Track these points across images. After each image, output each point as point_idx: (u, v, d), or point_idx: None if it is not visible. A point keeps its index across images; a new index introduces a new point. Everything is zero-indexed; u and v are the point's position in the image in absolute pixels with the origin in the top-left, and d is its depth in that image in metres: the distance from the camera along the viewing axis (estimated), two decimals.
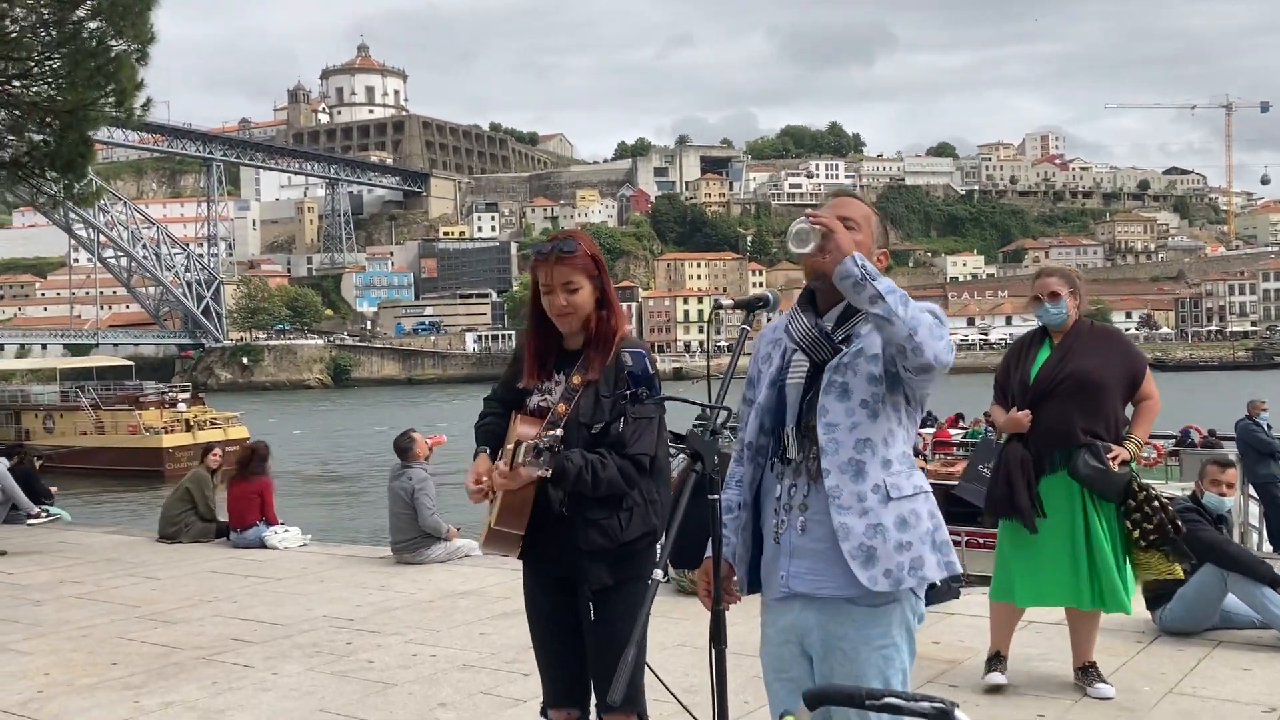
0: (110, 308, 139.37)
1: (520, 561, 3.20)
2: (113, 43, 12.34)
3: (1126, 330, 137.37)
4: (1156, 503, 4.69)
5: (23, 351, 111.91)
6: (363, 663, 5.74)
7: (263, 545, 9.45)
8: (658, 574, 2.37)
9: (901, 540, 2.53)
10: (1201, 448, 13.30)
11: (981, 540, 16.36)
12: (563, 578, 3.09)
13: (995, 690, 4.90)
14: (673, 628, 6.05)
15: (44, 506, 11.23)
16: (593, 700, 3.19)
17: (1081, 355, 4.75)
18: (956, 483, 17.65)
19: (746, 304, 2.75)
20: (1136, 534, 4.68)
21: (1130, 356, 4.88)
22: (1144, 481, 4.79)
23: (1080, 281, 4.98)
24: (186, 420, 42.55)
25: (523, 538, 3.05)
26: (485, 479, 3.01)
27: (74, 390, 47.27)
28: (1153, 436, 18.05)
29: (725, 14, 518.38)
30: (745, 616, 4.74)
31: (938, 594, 6.63)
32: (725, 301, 2.82)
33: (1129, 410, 4.94)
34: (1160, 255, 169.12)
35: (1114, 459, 4.65)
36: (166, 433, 41.45)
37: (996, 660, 5.01)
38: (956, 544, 14.12)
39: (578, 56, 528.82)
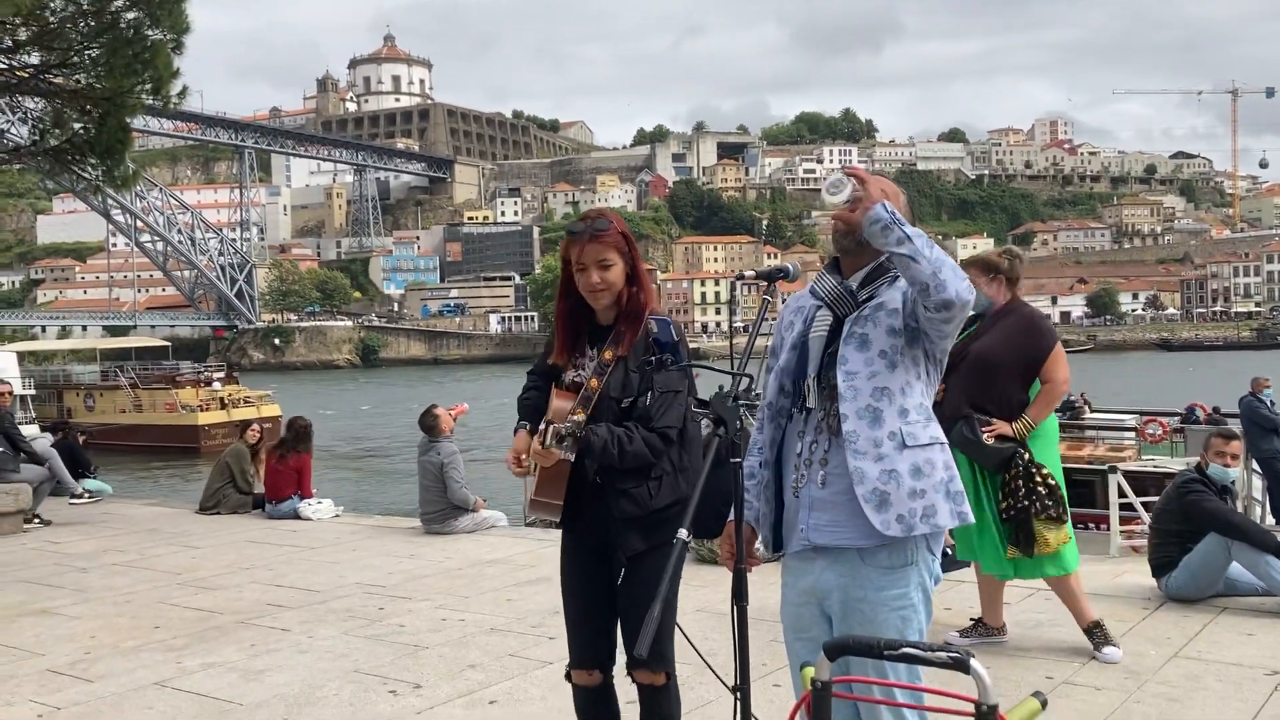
0: (147, 291, 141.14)
1: (545, 532, 3.37)
2: (149, 32, 12.57)
3: (1133, 311, 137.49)
4: (1036, 479, 4.87)
5: (64, 333, 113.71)
6: (394, 627, 5.98)
7: (297, 516, 9.74)
8: (682, 533, 2.49)
9: (915, 487, 2.60)
10: (1206, 424, 13.39)
11: None
12: (598, 544, 3.22)
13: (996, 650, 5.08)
14: (693, 594, 6.23)
15: (86, 482, 11.56)
16: (620, 660, 3.33)
17: (989, 336, 5.00)
18: None
19: (767, 275, 2.86)
20: (1004, 505, 4.92)
21: (1034, 339, 5.08)
22: (1033, 459, 4.93)
23: (1009, 264, 5.20)
24: (221, 399, 43.25)
25: (562, 507, 3.18)
26: (524, 457, 3.15)
27: (113, 370, 48.17)
28: (1159, 414, 18.13)
29: (737, 3, 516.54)
30: (764, 584, 4.96)
31: (950, 562, 6.79)
32: (748, 273, 2.88)
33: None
34: (1166, 238, 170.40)
35: (990, 432, 4.89)
36: (202, 410, 42.15)
37: (977, 627, 5.32)
38: None
39: (595, 46, 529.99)
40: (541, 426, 3.09)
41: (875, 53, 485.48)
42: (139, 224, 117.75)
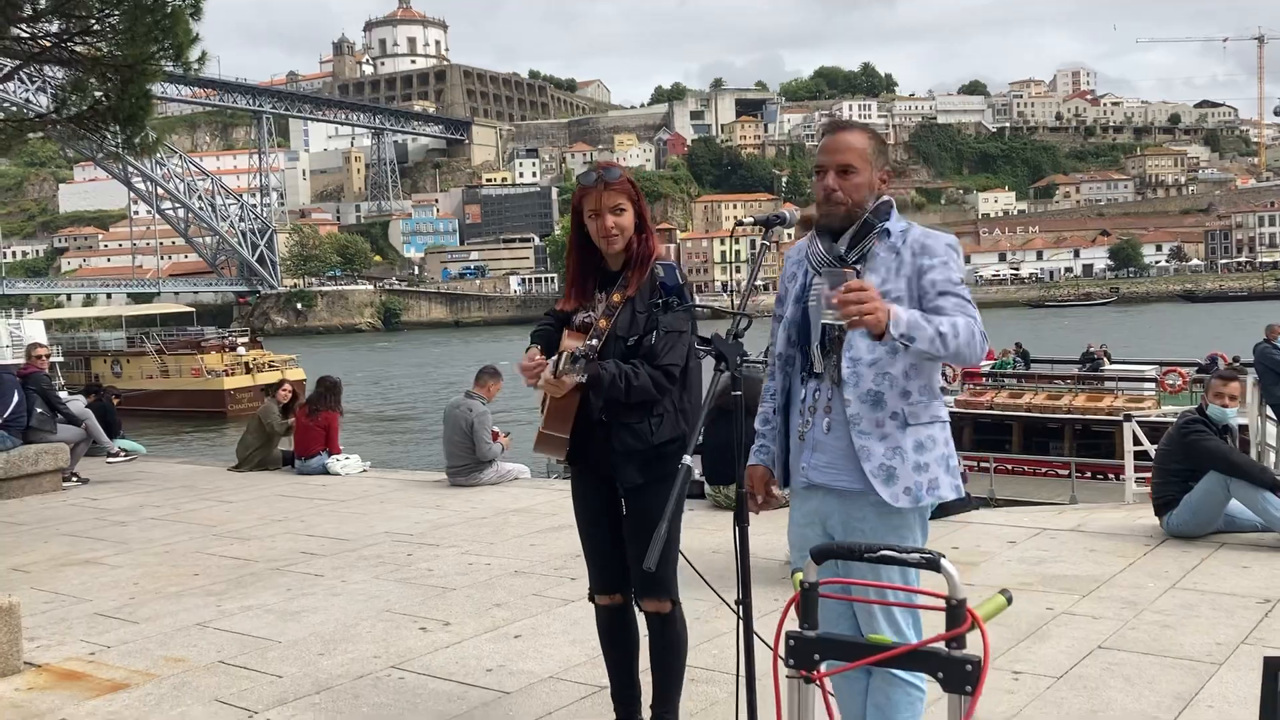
0: (170, 257, 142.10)
1: (566, 482, 3.56)
2: None
3: (1157, 263, 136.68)
4: None
5: (89, 301, 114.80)
6: (423, 571, 6.23)
7: (325, 472, 10.02)
8: (686, 459, 2.66)
9: (919, 461, 2.77)
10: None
11: (1010, 467, 16.71)
12: (604, 477, 3.42)
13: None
14: (708, 538, 6.45)
15: (120, 441, 11.89)
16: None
17: None
18: (984, 411, 17.86)
19: (765, 221, 3.03)
20: None
21: None
22: None
23: None
24: (246, 363, 43.79)
25: (568, 441, 3.36)
26: (535, 361, 3.23)
27: (139, 336, 48.73)
28: (1179, 365, 18.15)
29: None
30: (774, 527, 5.16)
31: (960, 505, 7.00)
32: (746, 220, 3.06)
33: None
34: (1191, 188, 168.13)
35: None
36: (227, 375, 42.70)
37: None
38: (984, 470, 14.35)
39: (605, 4, 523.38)
40: (555, 359, 3.23)
41: (889, 6, 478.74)
42: (160, 191, 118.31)
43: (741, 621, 2.63)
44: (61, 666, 4.75)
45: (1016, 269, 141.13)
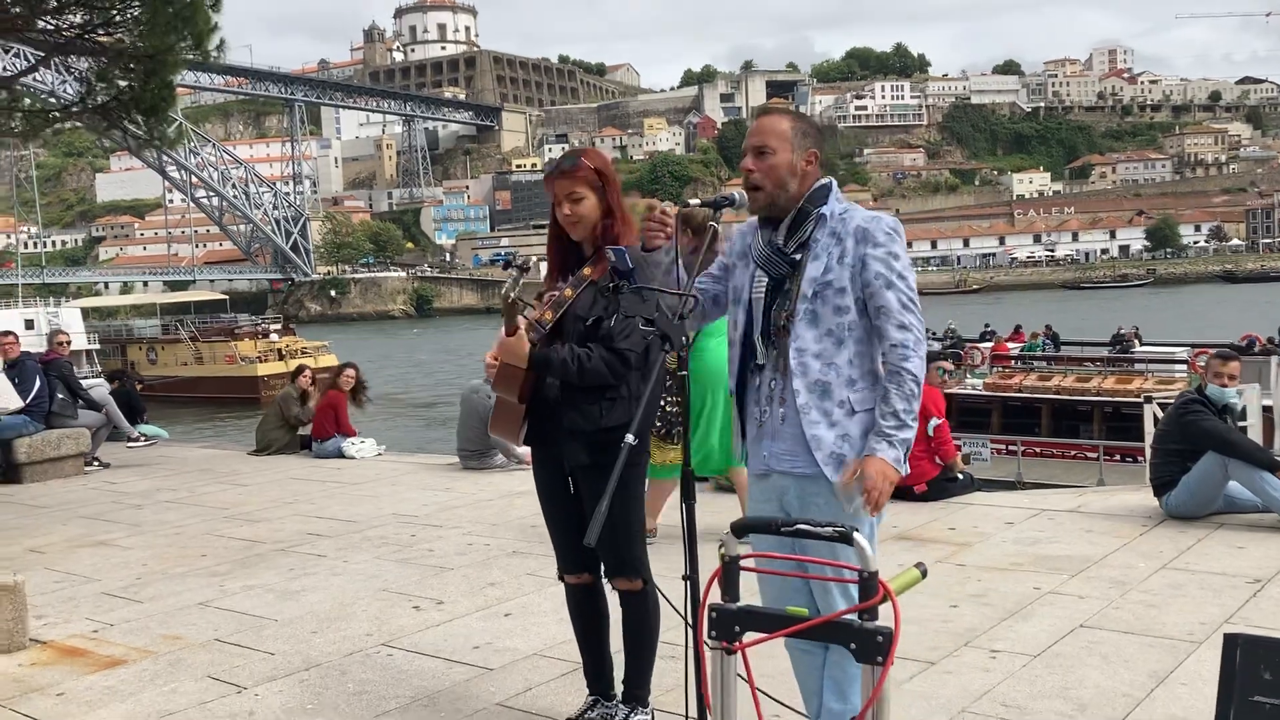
0: (205, 245, 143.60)
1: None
2: None
3: (1195, 244, 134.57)
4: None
5: (125, 289, 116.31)
6: (423, 551, 6.32)
7: (341, 455, 10.15)
8: (629, 438, 2.74)
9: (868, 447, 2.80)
10: (1260, 355, 13.28)
11: (1038, 449, 16.62)
12: (555, 456, 3.46)
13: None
14: (709, 519, 6.47)
15: (142, 426, 12.08)
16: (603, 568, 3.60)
17: None
18: (1013, 394, 17.76)
19: (713, 203, 3.08)
20: None
21: None
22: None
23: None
24: (279, 350, 44.19)
25: (521, 418, 3.40)
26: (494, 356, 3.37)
27: (174, 324, 49.35)
28: (1212, 346, 18.03)
29: None
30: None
31: (960, 486, 6.99)
32: (693, 201, 3.10)
33: None
34: (1231, 167, 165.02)
35: None
36: (261, 362, 43.10)
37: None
38: (1012, 453, 14.25)
39: None
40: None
41: None
42: (194, 179, 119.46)
43: (689, 591, 2.67)
44: (64, 643, 4.87)
45: (1051, 251, 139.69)
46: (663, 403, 5.86)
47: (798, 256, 2.83)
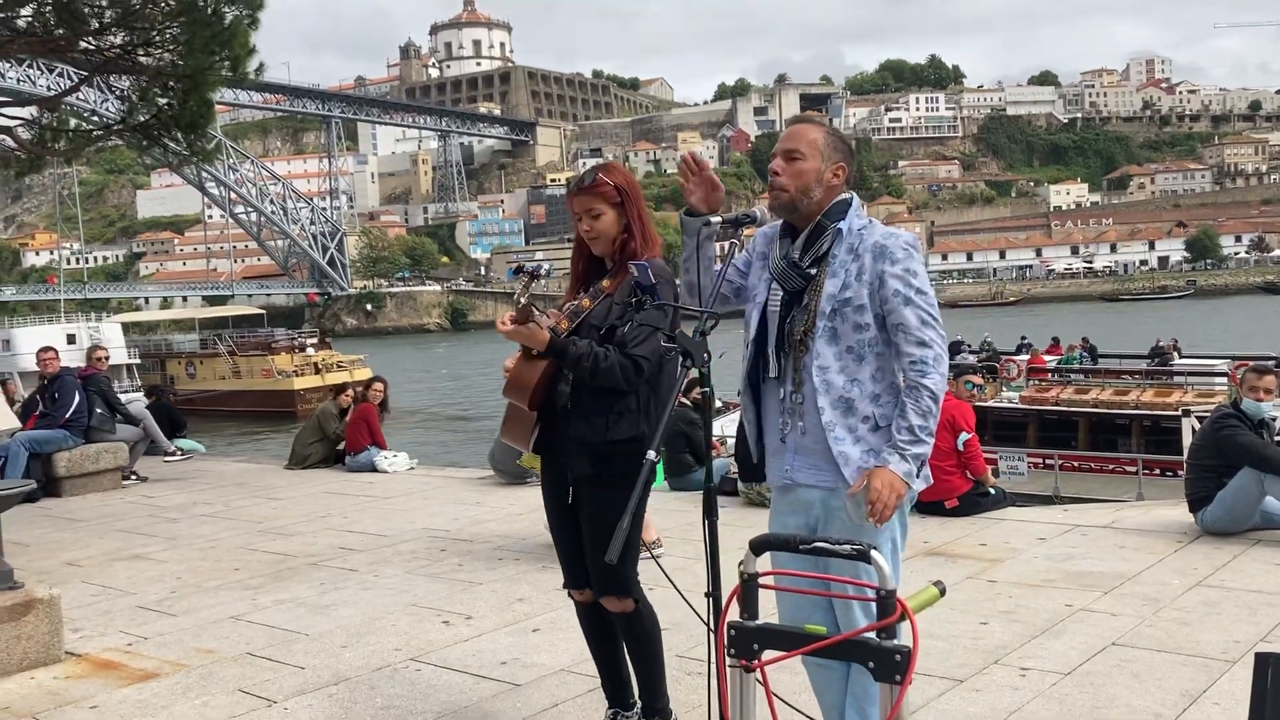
0: (243, 260, 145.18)
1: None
2: (226, 9, 13.05)
3: (1236, 254, 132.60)
4: None
5: (165, 304, 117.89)
6: (453, 566, 6.35)
7: (374, 469, 10.22)
8: (651, 455, 2.74)
9: None
10: None
11: (1076, 464, 16.43)
12: (564, 469, 3.43)
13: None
14: (739, 534, 6.47)
15: (179, 440, 12.23)
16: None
17: None
18: (1050, 407, 17.59)
19: (734, 221, 3.09)
20: None
21: None
22: None
23: None
24: (315, 364, 44.52)
25: (534, 423, 3.38)
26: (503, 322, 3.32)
27: (212, 338, 49.89)
28: (1254, 359, 17.72)
29: None
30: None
31: (992, 501, 6.94)
32: (714, 219, 3.10)
33: None
34: (1273, 177, 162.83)
35: None
36: (297, 375, 43.43)
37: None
38: (1049, 467, 14.09)
39: (658, 2, 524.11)
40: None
41: None
42: (233, 195, 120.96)
43: (711, 608, 2.67)
44: (99, 656, 4.94)
45: (1089, 262, 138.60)
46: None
47: (813, 272, 2.84)
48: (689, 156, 3.09)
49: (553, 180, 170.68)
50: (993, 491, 6.96)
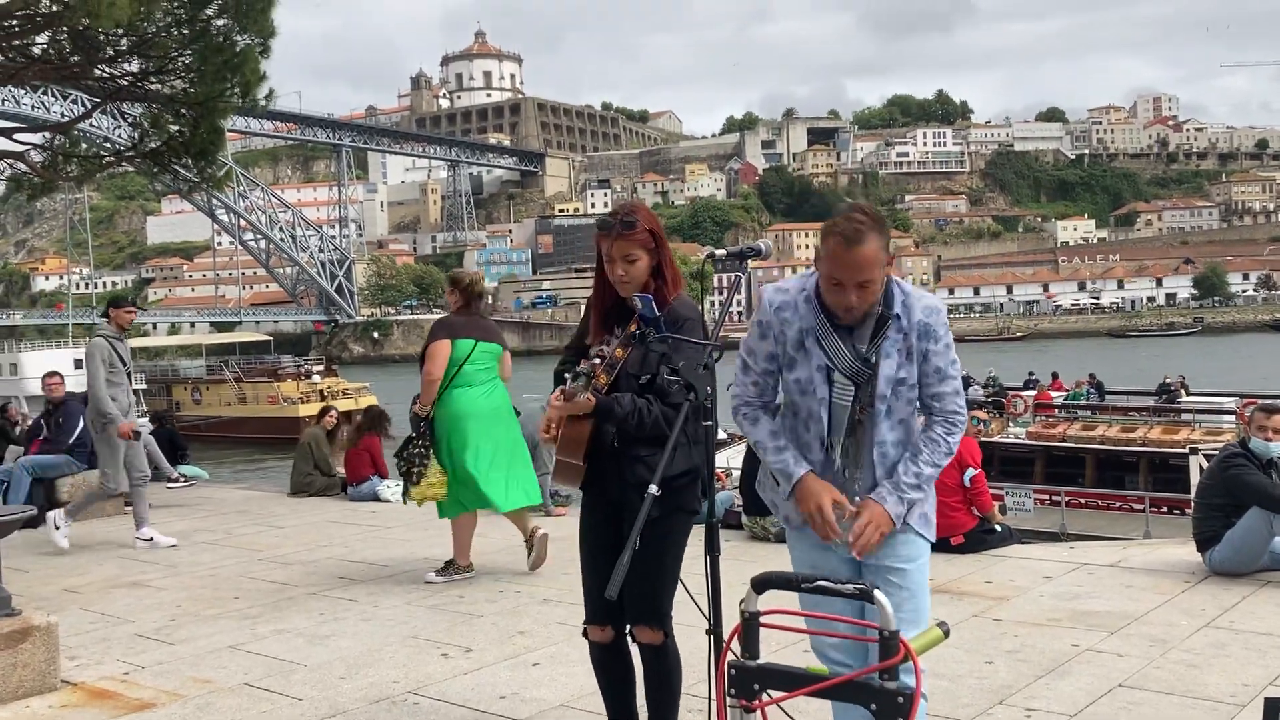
0: (251, 287, 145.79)
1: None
2: (238, 38, 13.16)
3: (1244, 292, 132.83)
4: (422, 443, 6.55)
5: (173, 329, 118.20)
6: (454, 598, 6.31)
7: (377, 498, 10.18)
8: (653, 489, 2.73)
9: (923, 513, 2.97)
10: None
11: (1083, 501, 16.33)
12: (612, 506, 3.44)
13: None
14: (743, 568, 6.43)
15: (182, 467, 12.21)
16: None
17: None
18: (1057, 443, 17.51)
19: (739, 254, 3.09)
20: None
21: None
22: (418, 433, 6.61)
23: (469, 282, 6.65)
24: (320, 391, 44.47)
25: (584, 469, 3.41)
26: (553, 425, 3.41)
27: (219, 365, 49.93)
28: (1262, 397, 17.67)
29: None
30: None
31: (998, 539, 6.88)
32: (719, 251, 3.10)
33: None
34: None
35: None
36: (303, 403, 43.41)
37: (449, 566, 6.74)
38: (1056, 503, 14.01)
39: (662, 36, 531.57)
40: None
41: (946, 33, 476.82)
42: (242, 222, 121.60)
43: (713, 646, 2.64)
44: (95, 685, 4.90)
45: (1097, 298, 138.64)
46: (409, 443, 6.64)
47: (873, 359, 2.86)
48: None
49: (561, 210, 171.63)
50: (999, 528, 6.90)
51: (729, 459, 14.94)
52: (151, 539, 8.43)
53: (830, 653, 2.82)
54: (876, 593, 2.03)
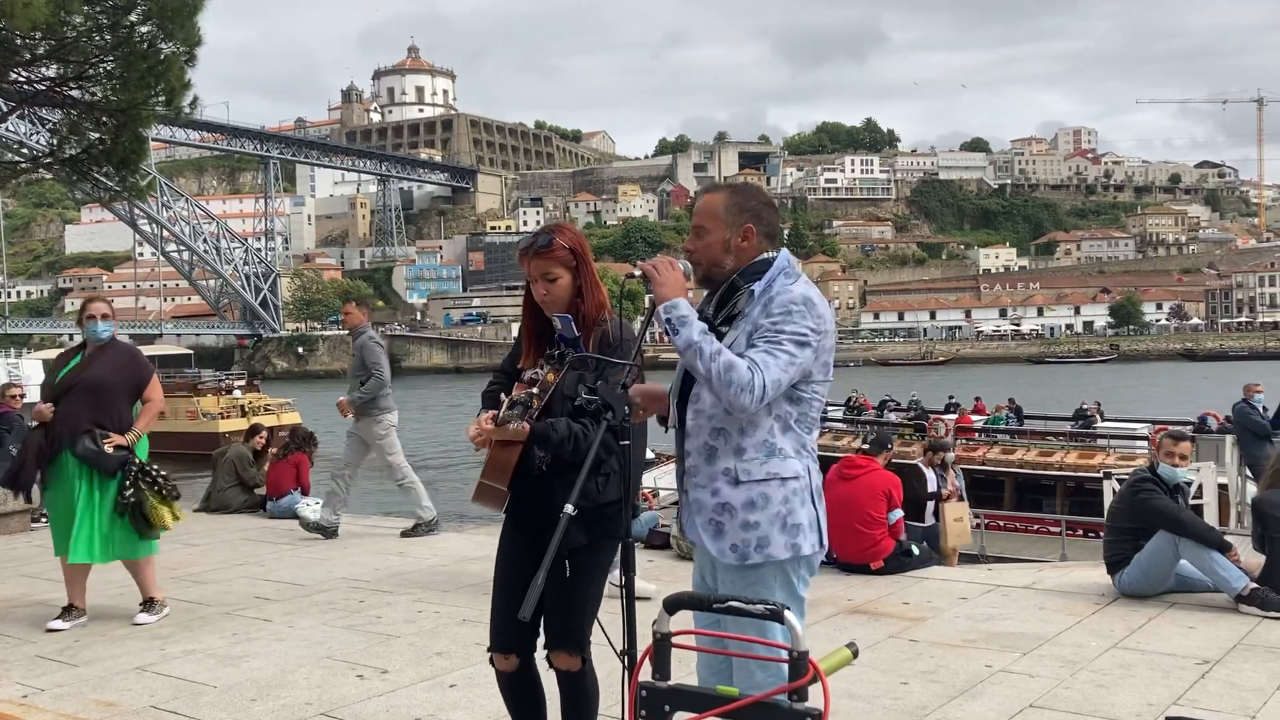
0: (173, 300, 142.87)
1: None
2: (162, 45, 12.90)
3: (1157, 321, 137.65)
4: (149, 475, 6.21)
5: None
6: (371, 618, 6.20)
7: (295, 516, 9.97)
8: (568, 508, 2.71)
9: (748, 519, 2.75)
10: (1218, 433, 13.41)
11: (1002, 523, 16.62)
12: (535, 532, 3.35)
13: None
14: (669, 588, 6.43)
15: None
16: (541, 643, 3.47)
17: (99, 365, 6.17)
18: (977, 466, 17.81)
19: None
20: (128, 493, 6.14)
21: (137, 370, 6.32)
22: (140, 461, 6.23)
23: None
24: (241, 406, 43.64)
25: (507, 494, 3.34)
26: (483, 427, 3.34)
27: None
28: (1171, 424, 18.19)
29: (714, 15, 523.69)
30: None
31: (917, 560, 6.98)
32: (637, 272, 3.10)
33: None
34: (1191, 248, 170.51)
35: (109, 443, 6.03)
36: (223, 418, 42.52)
37: (67, 611, 6.24)
38: (975, 526, 14.19)
39: (580, 57, 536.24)
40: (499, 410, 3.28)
41: (860, 64, 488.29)
42: (165, 233, 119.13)
43: (626, 668, 2.63)
44: None
45: (1017, 325, 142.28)
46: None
47: (724, 329, 2.83)
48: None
49: (493, 228, 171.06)
50: (917, 551, 7.00)
51: (656, 479, 14.93)
52: None
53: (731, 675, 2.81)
54: (787, 613, 2.03)
